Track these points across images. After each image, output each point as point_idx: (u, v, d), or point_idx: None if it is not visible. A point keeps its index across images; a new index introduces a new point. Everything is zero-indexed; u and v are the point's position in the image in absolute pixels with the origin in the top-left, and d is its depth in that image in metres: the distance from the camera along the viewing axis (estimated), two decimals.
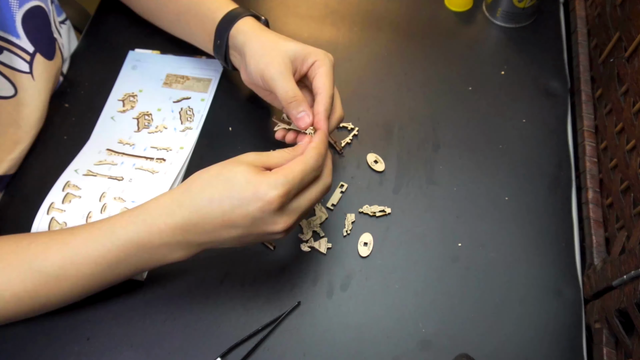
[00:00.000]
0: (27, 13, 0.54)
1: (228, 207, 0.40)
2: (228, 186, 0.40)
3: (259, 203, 0.39)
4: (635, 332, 0.43)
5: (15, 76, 0.54)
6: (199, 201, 0.40)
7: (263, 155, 0.43)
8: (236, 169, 0.40)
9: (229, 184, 0.40)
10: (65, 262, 0.42)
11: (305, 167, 0.41)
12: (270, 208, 0.39)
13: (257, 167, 0.41)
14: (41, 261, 0.42)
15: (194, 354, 0.49)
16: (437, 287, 0.52)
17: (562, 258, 0.54)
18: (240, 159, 0.42)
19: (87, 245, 0.42)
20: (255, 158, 0.42)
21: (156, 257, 0.43)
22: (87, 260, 0.42)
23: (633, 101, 0.51)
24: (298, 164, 0.41)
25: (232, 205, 0.40)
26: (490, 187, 0.58)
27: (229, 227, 0.41)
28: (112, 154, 0.58)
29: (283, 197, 0.39)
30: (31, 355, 0.49)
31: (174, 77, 0.65)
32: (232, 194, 0.40)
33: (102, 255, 0.42)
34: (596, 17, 0.64)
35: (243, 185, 0.39)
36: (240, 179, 0.40)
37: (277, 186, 0.39)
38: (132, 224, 0.42)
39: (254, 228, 0.41)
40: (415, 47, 0.69)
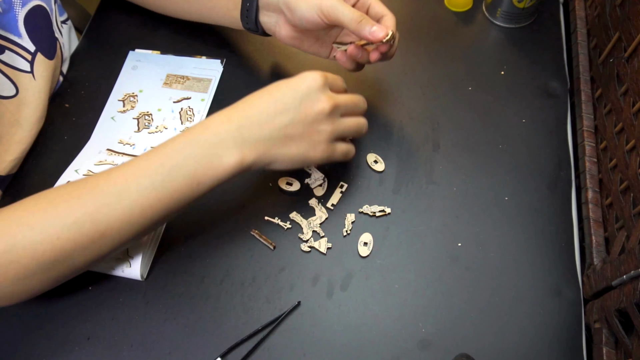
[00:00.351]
0: (30, 12, 0.54)
1: (278, 93, 0.45)
2: (275, 84, 0.46)
3: (306, 81, 0.45)
4: (634, 332, 0.43)
5: (17, 76, 0.54)
6: (251, 98, 0.45)
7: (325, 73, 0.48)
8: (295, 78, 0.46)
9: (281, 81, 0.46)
10: (127, 176, 0.42)
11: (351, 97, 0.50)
12: (316, 84, 0.45)
13: None
14: (104, 183, 0.42)
15: (194, 354, 0.49)
16: (437, 287, 0.52)
17: (561, 258, 0.54)
18: None
19: (149, 158, 0.43)
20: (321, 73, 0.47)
21: (213, 159, 0.43)
22: (147, 171, 0.42)
23: (632, 101, 0.51)
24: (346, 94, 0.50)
25: (282, 91, 0.45)
26: (490, 187, 0.58)
27: (280, 112, 0.44)
28: (112, 154, 0.59)
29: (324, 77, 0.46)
30: (31, 355, 0.49)
31: (174, 77, 0.65)
32: (281, 85, 0.45)
33: (161, 163, 0.43)
34: (596, 17, 0.64)
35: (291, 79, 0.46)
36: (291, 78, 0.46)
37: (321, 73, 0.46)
38: (190, 131, 0.44)
39: (302, 108, 0.45)
40: (415, 47, 0.69)
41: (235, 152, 0.44)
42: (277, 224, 0.55)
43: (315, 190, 0.57)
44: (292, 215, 0.56)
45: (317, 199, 0.57)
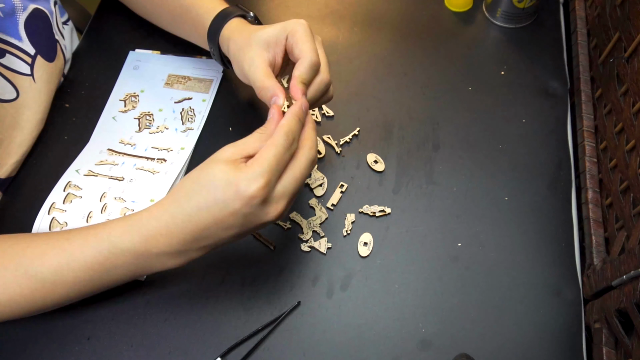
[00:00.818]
0: (30, 16, 0.54)
1: (217, 211, 0.39)
2: (211, 190, 0.39)
3: (243, 201, 0.38)
4: (634, 332, 0.43)
5: (17, 79, 0.54)
6: (189, 210, 0.40)
7: (239, 145, 0.41)
8: (214, 171, 0.39)
9: (211, 188, 0.39)
10: (61, 267, 0.42)
11: (277, 150, 0.40)
12: (255, 202, 0.39)
13: (234, 161, 0.40)
14: (37, 266, 0.42)
15: (194, 354, 0.49)
16: (437, 287, 0.52)
17: (561, 258, 0.54)
18: (217, 157, 0.41)
19: (84, 251, 0.42)
20: (232, 151, 0.41)
21: (155, 264, 0.43)
22: (83, 266, 0.42)
23: (633, 101, 0.51)
24: (269, 149, 0.40)
25: (220, 209, 0.39)
26: (490, 187, 0.58)
27: (224, 229, 0.40)
28: (113, 154, 0.59)
29: (264, 188, 0.39)
30: (31, 355, 0.49)
31: (175, 78, 0.65)
32: (216, 197, 0.39)
33: (98, 262, 0.42)
34: (596, 17, 0.64)
35: (224, 187, 0.39)
36: (220, 181, 0.39)
37: (256, 179, 0.38)
38: (128, 233, 0.42)
39: (247, 223, 0.40)
40: (415, 47, 0.69)
41: (177, 260, 0.43)
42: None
43: (315, 190, 0.57)
44: (292, 215, 0.56)
45: (317, 198, 0.57)
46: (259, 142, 0.41)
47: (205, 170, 0.40)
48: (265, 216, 0.40)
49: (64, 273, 0.42)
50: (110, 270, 0.43)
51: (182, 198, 0.41)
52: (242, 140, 0.42)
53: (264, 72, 0.46)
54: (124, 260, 0.42)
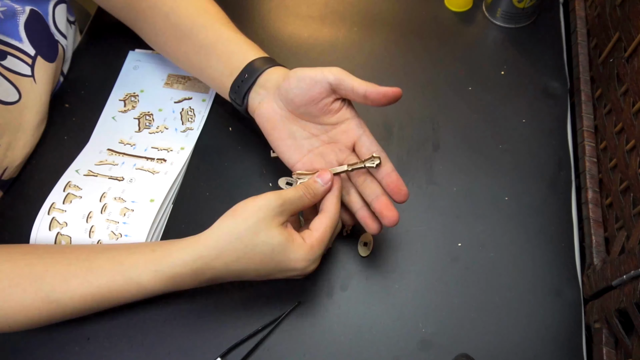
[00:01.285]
0: (29, 17, 0.54)
1: (264, 273, 0.43)
2: (266, 260, 0.42)
3: (296, 272, 0.43)
4: (634, 332, 0.43)
5: (19, 80, 0.54)
6: (233, 268, 0.42)
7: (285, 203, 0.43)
8: (272, 242, 0.41)
9: (267, 258, 0.42)
10: (87, 300, 0.43)
11: (332, 223, 0.44)
12: (306, 273, 0.44)
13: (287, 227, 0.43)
14: (60, 294, 0.43)
15: (194, 354, 0.49)
16: (437, 287, 0.52)
17: (561, 258, 0.54)
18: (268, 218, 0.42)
19: (111, 288, 0.43)
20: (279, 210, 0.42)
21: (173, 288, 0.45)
22: (110, 299, 0.44)
23: (632, 101, 0.51)
24: (327, 233, 0.44)
25: (268, 272, 0.43)
26: (490, 187, 0.58)
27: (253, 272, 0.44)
28: (112, 154, 0.59)
29: (317, 262, 0.44)
30: (31, 355, 0.49)
31: (175, 78, 0.65)
32: (270, 266, 0.43)
33: (126, 298, 0.44)
34: (596, 17, 0.64)
35: (282, 262, 0.42)
36: (279, 254, 0.42)
37: (316, 260, 0.44)
38: (159, 280, 0.43)
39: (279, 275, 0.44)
40: (415, 47, 0.69)
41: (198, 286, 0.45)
42: None
43: None
44: None
45: None
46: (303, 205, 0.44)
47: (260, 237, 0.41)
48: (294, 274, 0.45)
49: (88, 303, 0.44)
50: (134, 299, 0.45)
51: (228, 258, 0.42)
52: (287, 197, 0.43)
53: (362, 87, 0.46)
54: (150, 294, 0.44)
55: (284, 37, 0.69)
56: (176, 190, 0.57)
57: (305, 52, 0.68)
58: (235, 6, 0.72)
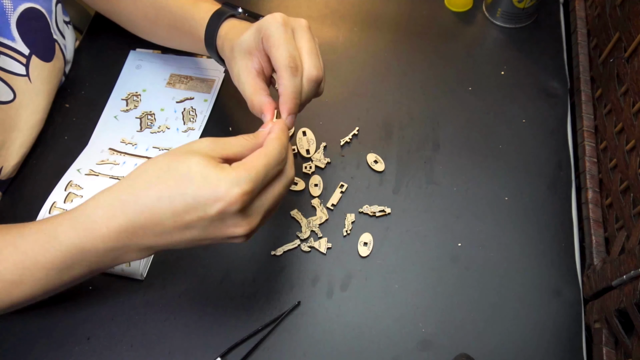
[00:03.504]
0: (22, 15, 0.54)
1: (181, 206, 0.35)
2: (180, 182, 0.35)
3: (219, 203, 0.34)
4: (634, 332, 0.43)
5: (13, 80, 0.53)
6: (145, 199, 0.35)
7: (220, 142, 0.37)
8: (190, 161, 0.35)
9: (182, 179, 0.35)
10: (17, 267, 0.40)
11: (268, 161, 0.36)
12: (232, 209, 0.34)
13: (214, 158, 0.36)
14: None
15: (194, 354, 0.49)
16: (437, 287, 0.52)
17: (561, 258, 0.54)
18: (194, 147, 0.36)
19: (35, 250, 0.39)
20: (212, 146, 0.37)
21: (106, 261, 0.40)
22: (37, 265, 0.40)
23: (633, 101, 0.51)
24: (261, 158, 0.36)
25: (186, 205, 0.35)
26: (490, 187, 0.58)
27: (182, 228, 0.36)
28: (114, 154, 0.59)
29: (246, 195, 0.35)
30: (31, 355, 0.49)
31: (177, 77, 0.65)
32: (186, 191, 0.34)
33: (49, 261, 0.39)
34: (596, 17, 0.64)
35: (199, 182, 0.34)
36: (196, 173, 0.34)
37: (240, 183, 0.34)
38: (73, 228, 0.38)
39: (211, 230, 0.36)
40: (415, 47, 0.69)
41: (132, 255, 0.39)
42: None
43: (311, 189, 0.57)
44: (292, 212, 0.56)
45: (319, 199, 0.57)
46: (241, 148, 0.38)
47: (178, 158, 0.36)
48: (233, 228, 0.36)
49: (20, 272, 0.40)
50: (63, 269, 0.40)
51: (140, 185, 0.36)
52: (223, 139, 0.38)
53: (251, 88, 0.44)
54: (73, 258, 0.39)
55: None
56: None
57: None
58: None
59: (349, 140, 0.61)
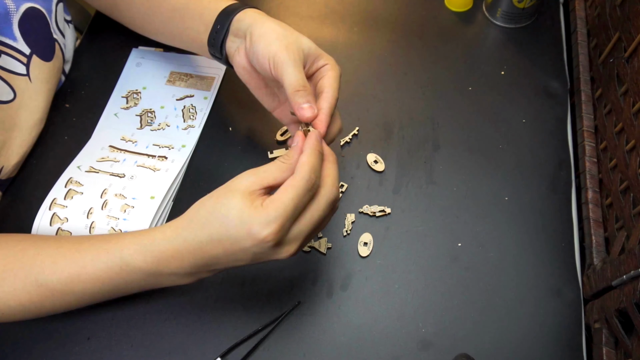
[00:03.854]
0: (24, 15, 0.54)
1: (228, 244, 0.39)
2: (224, 225, 0.39)
3: (254, 242, 0.38)
4: (634, 332, 0.43)
5: (13, 79, 0.53)
6: (201, 238, 0.40)
7: (259, 173, 0.40)
8: (230, 204, 0.38)
9: (224, 222, 0.38)
10: (72, 279, 0.43)
11: (296, 193, 0.38)
12: (267, 245, 0.38)
13: (252, 194, 0.39)
14: (48, 275, 0.43)
15: (194, 354, 0.49)
16: (437, 287, 0.52)
17: (561, 258, 0.54)
18: (235, 186, 0.40)
19: (95, 265, 0.42)
20: (252, 181, 0.40)
21: (165, 282, 0.44)
22: (94, 279, 0.43)
23: (632, 101, 0.51)
24: (287, 192, 0.38)
25: (231, 243, 0.39)
26: (490, 187, 0.58)
27: (234, 260, 0.41)
28: (114, 151, 0.59)
29: (277, 233, 0.37)
30: (31, 355, 0.49)
31: (177, 75, 0.65)
32: (228, 233, 0.38)
33: (109, 277, 0.43)
34: (596, 17, 0.64)
35: (237, 225, 0.38)
36: (234, 217, 0.38)
37: (270, 223, 0.37)
38: (141, 253, 0.42)
39: (257, 259, 0.40)
40: (415, 47, 0.69)
41: (187, 279, 0.43)
42: None
43: None
44: None
45: None
46: (279, 172, 0.40)
47: (221, 201, 0.39)
48: (275, 255, 0.40)
49: (74, 284, 0.43)
50: (120, 285, 0.43)
51: (196, 226, 0.40)
52: (262, 168, 0.40)
53: (304, 75, 0.44)
54: (134, 277, 0.43)
55: None
56: (177, 188, 0.57)
57: None
58: None
59: (348, 140, 0.61)
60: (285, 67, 0.44)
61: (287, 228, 0.38)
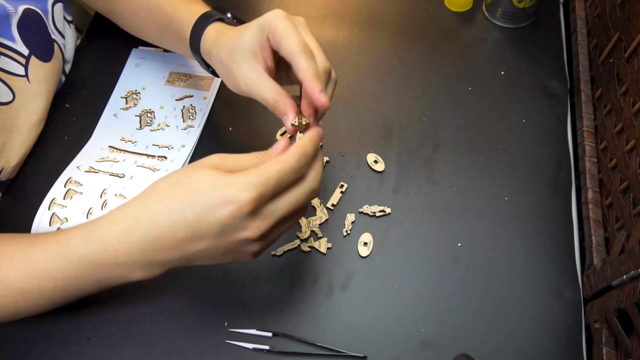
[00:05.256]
0: (23, 16, 0.54)
1: (191, 216, 0.35)
2: (190, 193, 0.35)
3: (229, 207, 0.34)
4: (634, 332, 0.43)
5: (12, 80, 0.53)
6: (157, 214, 0.36)
7: (230, 158, 0.38)
8: (198, 174, 0.36)
9: (191, 190, 0.35)
10: (26, 276, 0.40)
11: (284, 167, 0.36)
12: (242, 212, 0.34)
13: (222, 167, 0.37)
14: (5, 272, 0.41)
15: (194, 354, 0.49)
16: (437, 287, 0.52)
17: (561, 258, 0.54)
18: (203, 162, 0.37)
19: (46, 259, 0.40)
20: (221, 161, 0.37)
21: (114, 276, 0.40)
22: (46, 275, 0.40)
23: (632, 101, 0.51)
24: (275, 164, 0.36)
25: (196, 214, 0.35)
26: (490, 187, 0.58)
27: (194, 239, 0.36)
28: (114, 151, 0.59)
29: (256, 199, 0.34)
30: (31, 355, 0.49)
31: (177, 75, 0.65)
32: (196, 201, 0.35)
33: (60, 271, 0.40)
34: (596, 17, 0.64)
35: (208, 191, 0.35)
36: (204, 184, 0.35)
37: (249, 187, 0.34)
38: (86, 240, 0.39)
39: (222, 238, 0.36)
40: (415, 47, 0.69)
41: (141, 272, 0.39)
42: None
43: None
44: None
45: (319, 199, 0.57)
46: (251, 165, 0.37)
47: (187, 172, 0.37)
48: (243, 232, 0.36)
49: (29, 281, 0.40)
50: (72, 280, 0.40)
51: (152, 200, 0.37)
52: (234, 155, 0.38)
53: (270, 90, 0.42)
54: (84, 270, 0.39)
55: None
56: None
57: None
58: (235, 6, 0.72)
59: None
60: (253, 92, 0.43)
61: (266, 199, 0.35)
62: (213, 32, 0.48)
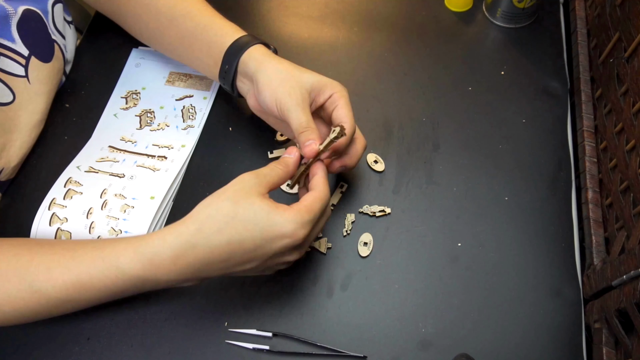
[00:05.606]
0: (22, 17, 0.54)
1: (250, 246, 0.40)
2: (249, 227, 0.40)
3: (286, 240, 0.41)
4: (634, 332, 0.43)
5: (12, 81, 0.53)
6: (215, 242, 0.40)
7: (260, 177, 0.43)
8: (253, 208, 0.40)
9: (250, 224, 0.40)
10: (67, 287, 0.42)
11: (322, 205, 0.43)
12: (296, 244, 0.41)
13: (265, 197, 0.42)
14: (43, 283, 0.42)
15: (194, 354, 0.49)
16: (437, 287, 0.52)
17: (562, 258, 0.54)
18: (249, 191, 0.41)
19: (91, 274, 0.42)
20: (257, 181, 0.42)
21: (163, 287, 0.44)
22: (91, 288, 0.42)
23: (633, 101, 0.51)
24: (319, 201, 0.43)
25: (255, 245, 0.40)
26: (490, 187, 0.58)
27: (246, 262, 0.42)
28: (114, 151, 0.59)
29: (308, 235, 0.42)
30: (31, 355, 0.49)
31: (176, 75, 0.65)
32: (255, 234, 0.40)
33: (106, 286, 0.42)
34: (596, 17, 0.64)
35: (267, 227, 0.40)
36: (261, 219, 0.40)
37: (305, 225, 0.41)
38: (138, 261, 0.41)
39: (269, 261, 0.42)
40: (415, 47, 0.69)
41: (189, 283, 0.43)
42: None
43: None
44: None
45: None
46: (277, 178, 0.44)
47: (241, 205, 0.40)
48: (288, 257, 0.43)
49: (69, 292, 0.42)
50: (117, 293, 0.43)
51: (210, 231, 0.40)
52: (261, 173, 0.43)
53: (309, 115, 0.47)
54: (133, 285, 0.42)
55: (284, 37, 0.69)
56: (177, 188, 0.57)
57: (305, 52, 0.68)
58: (235, 6, 0.72)
59: None
60: (290, 113, 0.47)
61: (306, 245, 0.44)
62: (263, 50, 0.52)
